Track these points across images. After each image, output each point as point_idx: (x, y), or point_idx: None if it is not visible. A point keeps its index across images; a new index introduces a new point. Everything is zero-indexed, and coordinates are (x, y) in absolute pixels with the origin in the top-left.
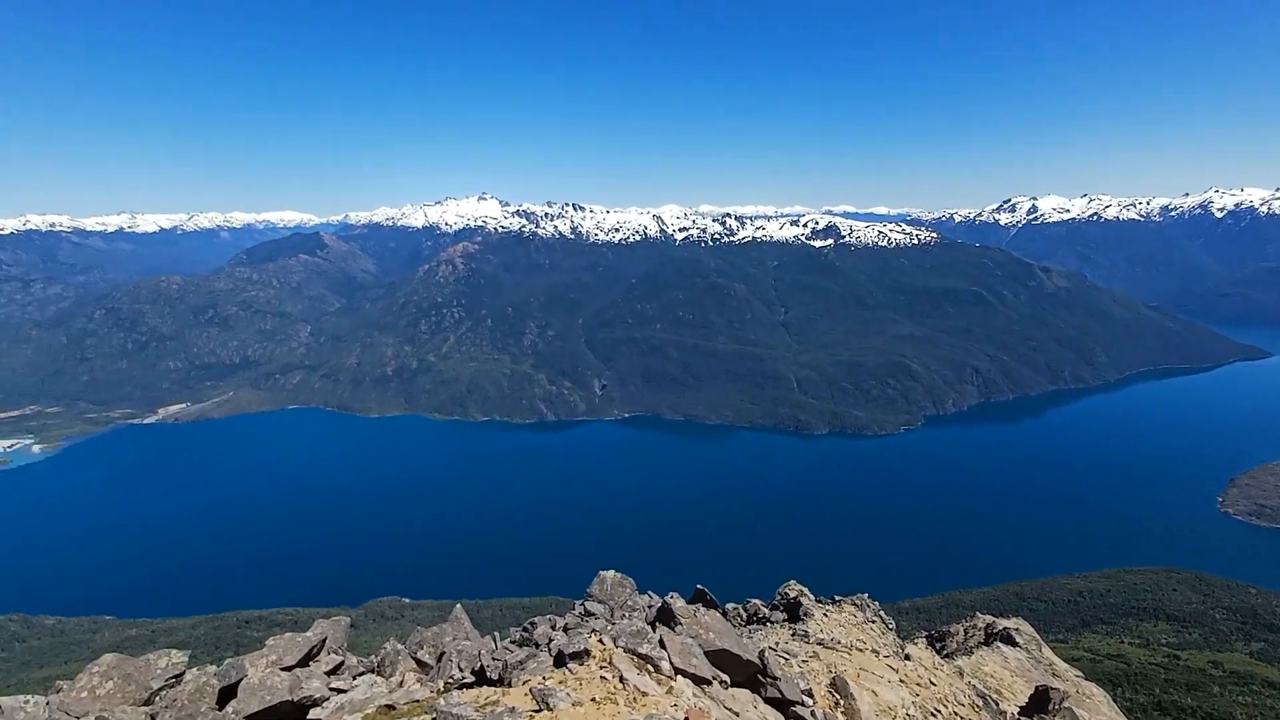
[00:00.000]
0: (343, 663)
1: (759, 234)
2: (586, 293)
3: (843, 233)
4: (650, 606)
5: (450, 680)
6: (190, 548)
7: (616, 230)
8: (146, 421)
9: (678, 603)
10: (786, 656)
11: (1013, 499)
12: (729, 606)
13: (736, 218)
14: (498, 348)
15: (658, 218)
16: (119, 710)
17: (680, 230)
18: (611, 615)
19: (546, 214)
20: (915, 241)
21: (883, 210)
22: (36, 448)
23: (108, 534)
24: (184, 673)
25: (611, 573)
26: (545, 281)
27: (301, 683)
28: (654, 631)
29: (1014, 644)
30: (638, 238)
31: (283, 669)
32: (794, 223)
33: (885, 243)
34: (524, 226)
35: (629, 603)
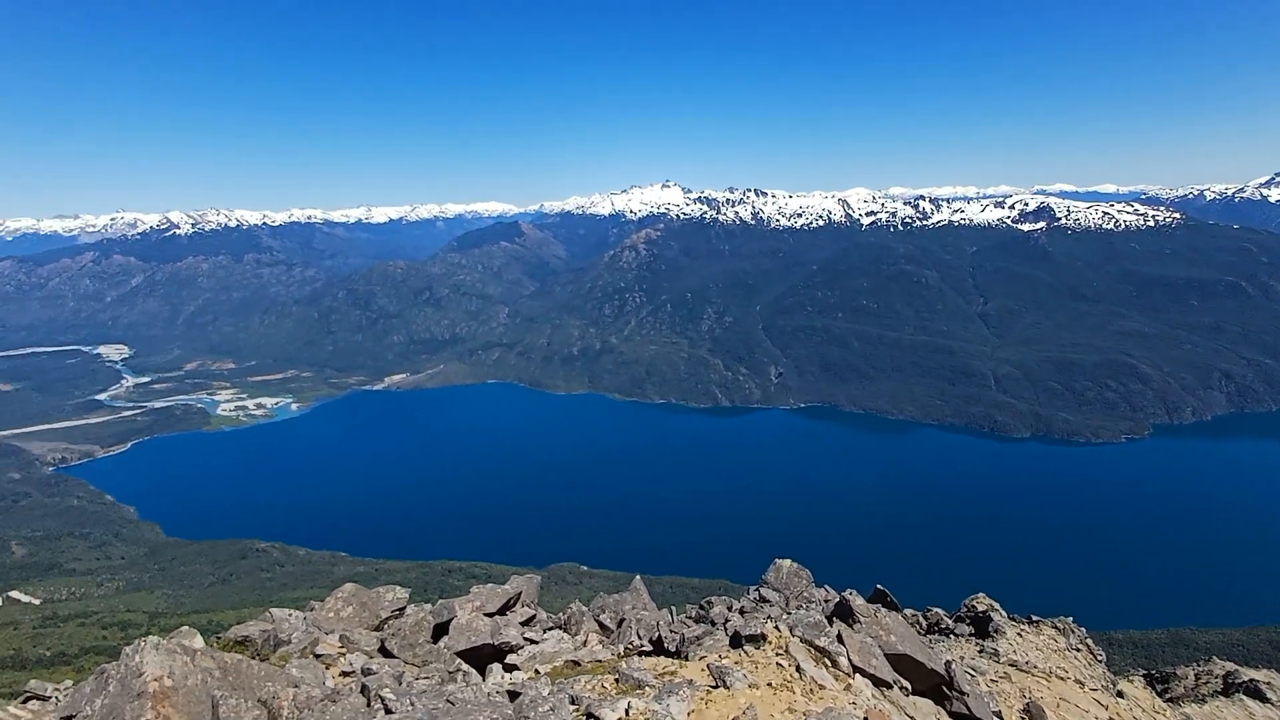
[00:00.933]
0: (534, 616)
1: (956, 217)
2: (765, 279)
3: (1057, 214)
4: (827, 600)
5: (630, 646)
6: (407, 500)
7: (799, 215)
8: (375, 388)
9: (857, 600)
10: (973, 673)
11: (1272, 527)
12: (907, 612)
13: (931, 200)
14: (676, 332)
15: (843, 202)
16: (356, 632)
17: (867, 214)
18: (786, 604)
19: (728, 200)
20: (1150, 223)
21: (1109, 189)
22: (294, 405)
23: (344, 482)
24: (405, 607)
25: (788, 562)
26: (724, 267)
27: (501, 629)
28: (831, 626)
29: (1263, 699)
30: (821, 223)
31: (485, 615)
32: (998, 204)
33: (1111, 225)
34: (705, 213)
35: (805, 594)
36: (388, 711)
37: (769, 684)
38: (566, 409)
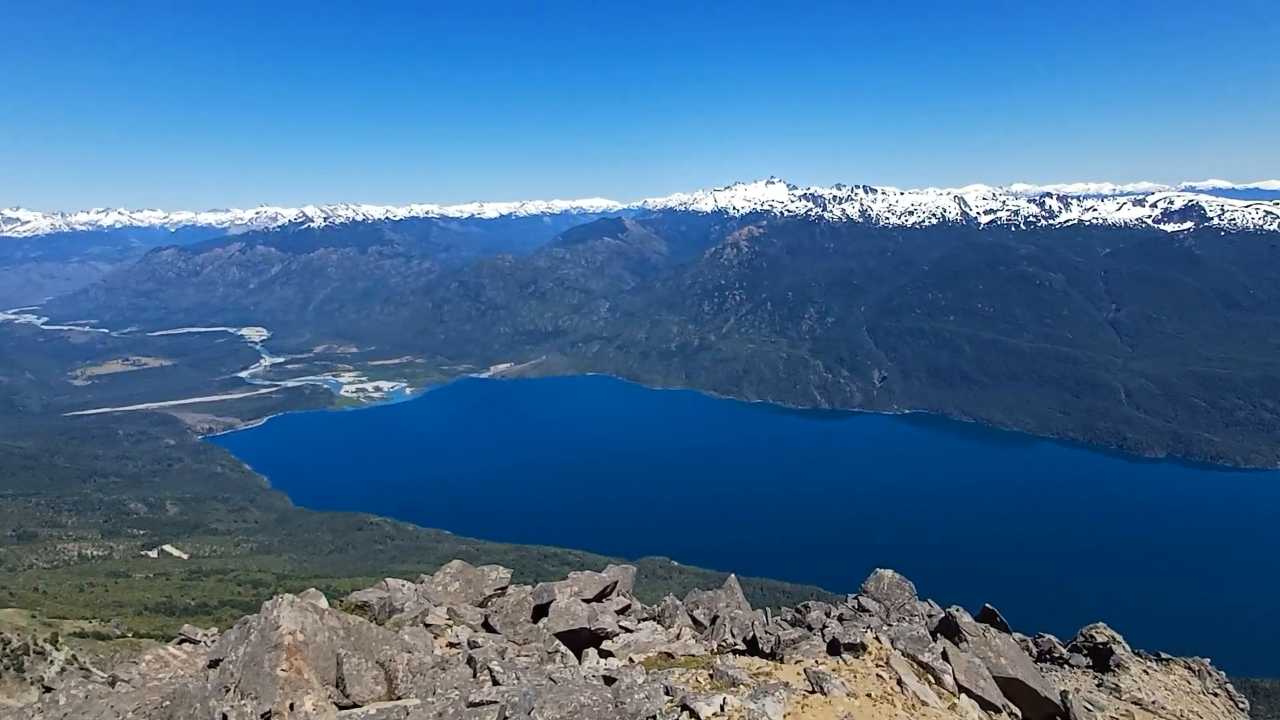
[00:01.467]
0: (629, 606)
1: (1088, 216)
2: (872, 279)
3: (1208, 213)
4: (931, 616)
5: (723, 643)
6: (507, 485)
7: (910, 213)
8: (482, 376)
9: (964, 618)
10: (1090, 707)
11: None
12: (1016, 636)
13: (1059, 198)
14: (776, 331)
15: (959, 199)
16: (463, 606)
17: (986, 212)
18: (887, 616)
19: (834, 197)
20: None
21: (1276, 185)
22: (408, 389)
23: (450, 464)
24: (507, 587)
25: (889, 572)
26: (828, 266)
27: (597, 615)
28: (935, 642)
29: None
30: (934, 221)
31: (583, 600)
32: (1138, 202)
33: (1275, 225)
34: (810, 210)
35: (907, 607)
36: (495, 683)
37: (868, 695)
38: (662, 404)
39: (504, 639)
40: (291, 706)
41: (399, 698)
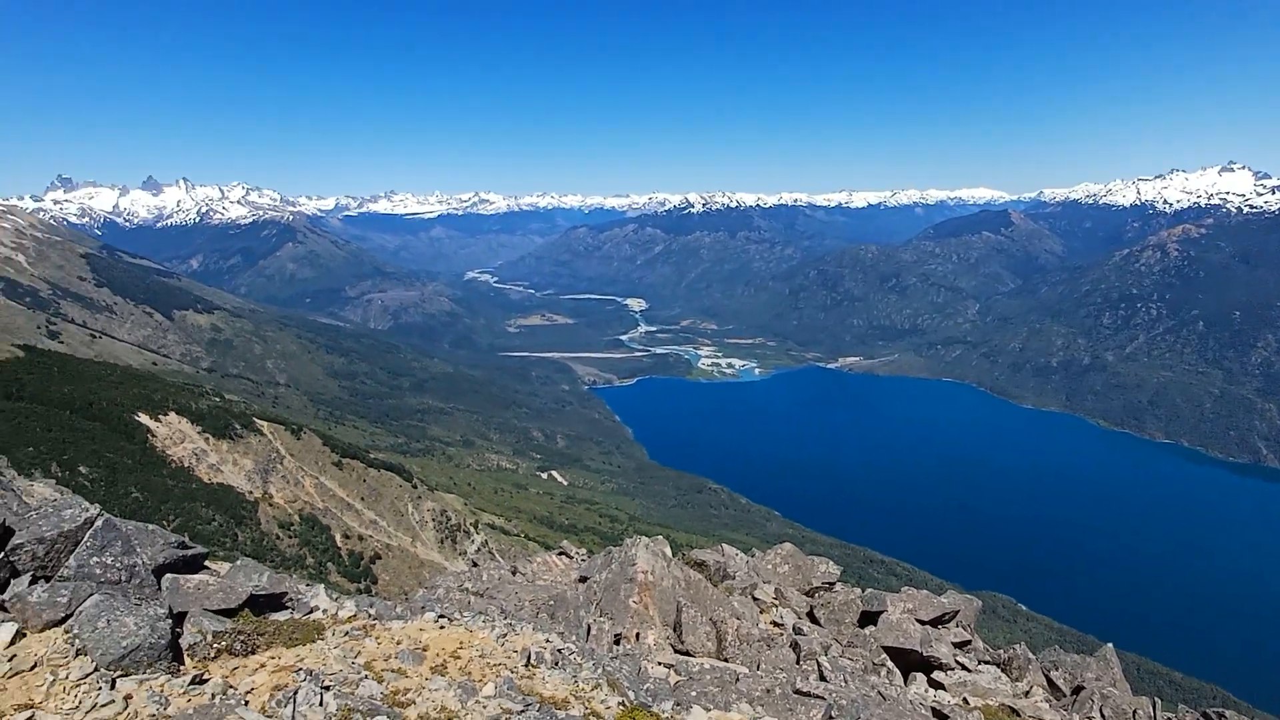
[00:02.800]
0: (969, 642)
1: None
2: None
3: None
4: None
5: None
6: (841, 479)
7: None
8: (829, 366)
9: None
10: None
11: None
12: None
13: None
14: (1206, 359)
15: None
16: (789, 590)
17: None
18: None
19: None
20: None
21: None
22: (757, 370)
23: (788, 447)
24: (835, 583)
25: None
26: None
27: (932, 641)
28: None
29: None
30: None
31: (917, 620)
32: None
33: None
34: None
35: None
36: (821, 678)
37: None
38: (1032, 425)
39: (829, 635)
40: (637, 636)
41: (726, 660)
